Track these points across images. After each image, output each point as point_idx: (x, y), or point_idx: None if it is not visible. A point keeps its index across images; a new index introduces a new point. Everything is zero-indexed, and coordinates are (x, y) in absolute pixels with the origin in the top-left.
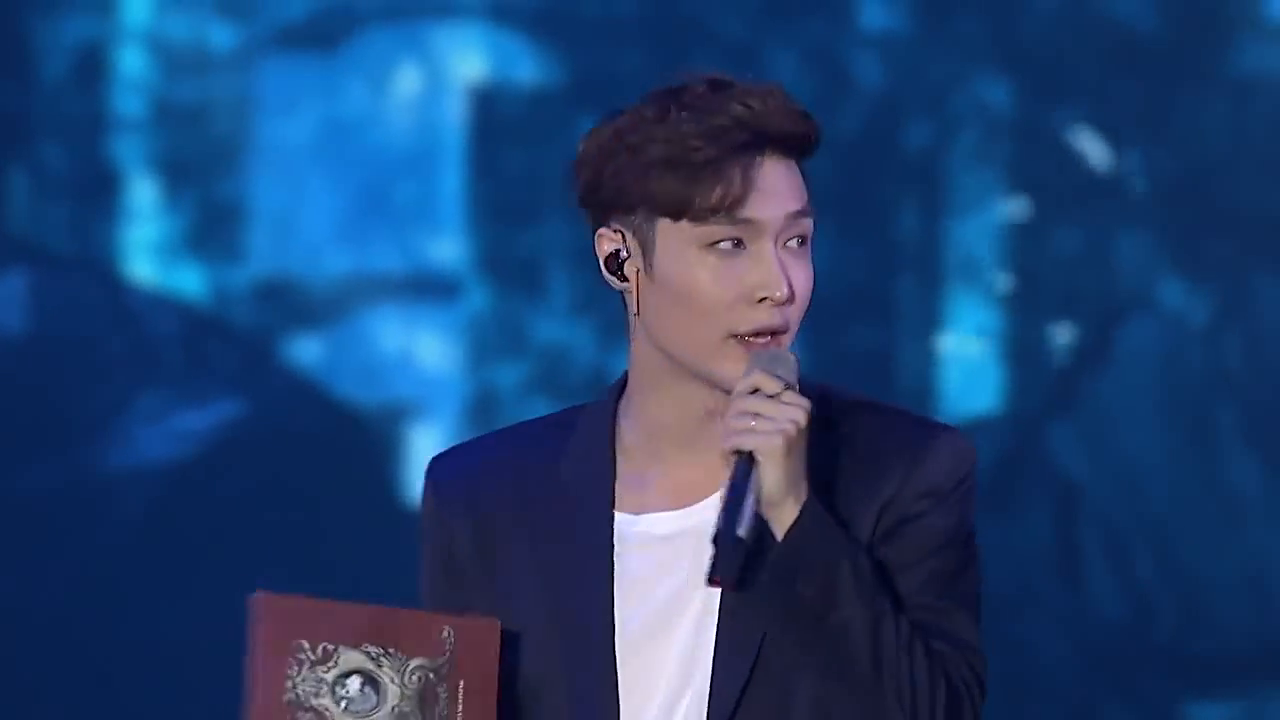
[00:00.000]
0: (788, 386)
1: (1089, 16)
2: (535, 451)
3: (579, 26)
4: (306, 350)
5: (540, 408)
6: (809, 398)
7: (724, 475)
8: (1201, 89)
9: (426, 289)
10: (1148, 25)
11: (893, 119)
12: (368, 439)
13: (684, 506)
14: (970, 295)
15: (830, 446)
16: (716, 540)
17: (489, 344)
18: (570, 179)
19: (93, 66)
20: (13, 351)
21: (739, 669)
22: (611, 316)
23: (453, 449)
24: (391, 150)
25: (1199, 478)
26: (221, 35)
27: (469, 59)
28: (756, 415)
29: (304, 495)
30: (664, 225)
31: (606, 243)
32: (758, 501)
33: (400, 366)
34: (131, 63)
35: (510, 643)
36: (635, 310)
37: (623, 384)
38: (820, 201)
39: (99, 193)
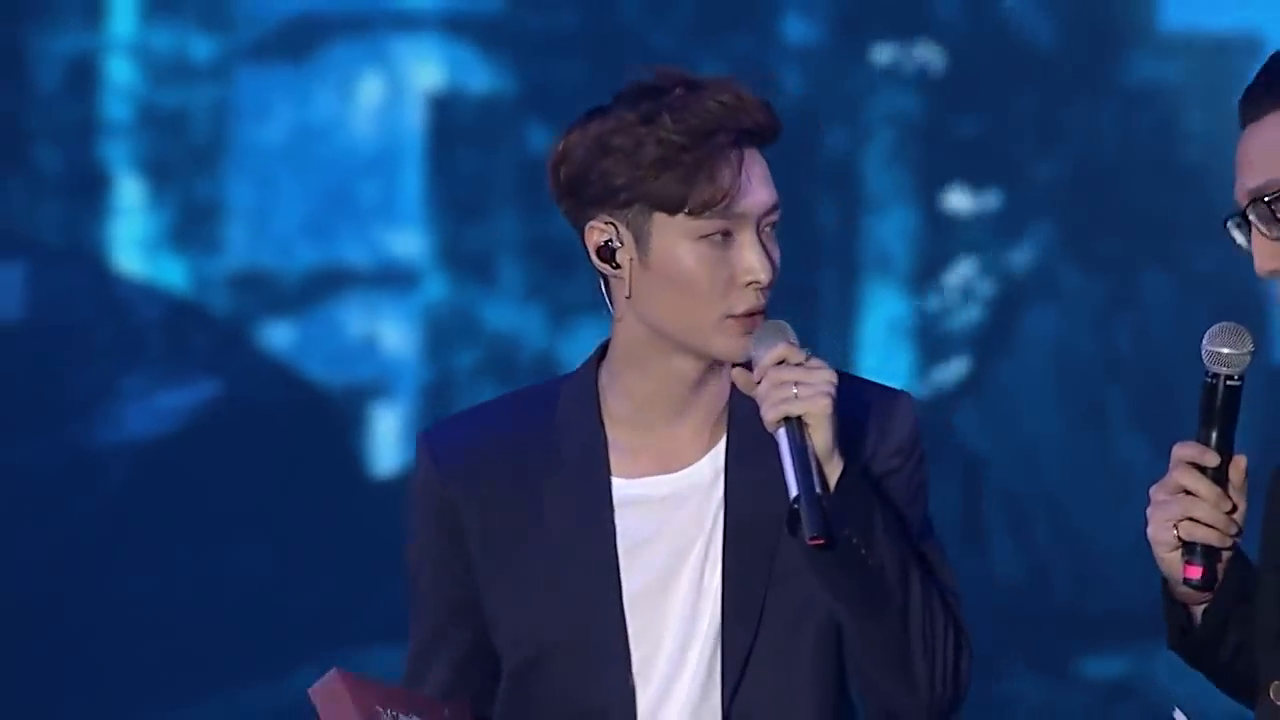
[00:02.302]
0: (808, 352)
1: (991, 30)
2: (525, 423)
3: (527, 39)
4: (278, 336)
5: (492, 389)
6: None
7: (710, 439)
8: (1095, 98)
9: (388, 280)
10: (1045, 38)
11: (813, 125)
12: (334, 417)
13: (678, 469)
14: (885, 286)
15: None
16: (799, 503)
17: (445, 330)
18: (551, 174)
19: (83, 75)
20: (9, 337)
21: (748, 622)
22: (558, 305)
23: (445, 422)
24: (356, 152)
25: (1092, 453)
26: (201, 47)
27: (427, 69)
28: (796, 383)
29: (276, 468)
30: (659, 219)
31: (598, 234)
32: (817, 461)
33: (364, 351)
34: (119, 72)
35: (520, 608)
36: (627, 294)
37: (600, 357)
38: None
39: (89, 191)
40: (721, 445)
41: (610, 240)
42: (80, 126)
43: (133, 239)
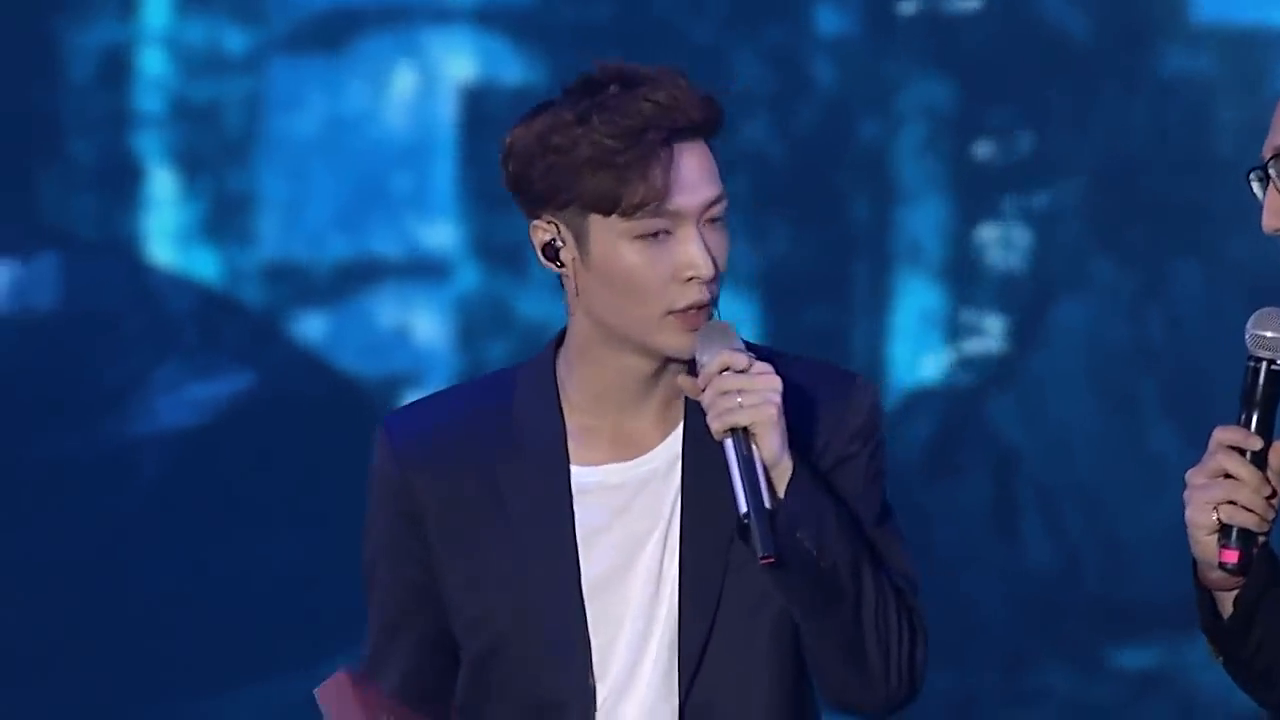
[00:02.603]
0: (751, 358)
1: (1023, 21)
2: (484, 410)
3: (559, 31)
4: (311, 327)
5: None
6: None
7: (666, 426)
8: (1127, 89)
9: (421, 271)
10: (1078, 30)
11: (846, 116)
12: (367, 408)
13: (635, 457)
14: (917, 277)
15: None
16: (749, 519)
17: (478, 321)
18: (501, 168)
19: (116, 68)
20: (42, 328)
21: (705, 611)
22: None
23: (405, 410)
24: (389, 144)
25: (1124, 443)
26: (234, 39)
27: (459, 61)
28: (740, 391)
29: (308, 459)
30: (596, 220)
31: (541, 233)
32: (765, 470)
33: (397, 342)
34: (152, 64)
35: (479, 595)
36: (574, 292)
37: (558, 343)
38: (779, 192)
39: (122, 183)
40: (678, 432)
41: (554, 239)
42: (113, 118)
43: (165, 231)
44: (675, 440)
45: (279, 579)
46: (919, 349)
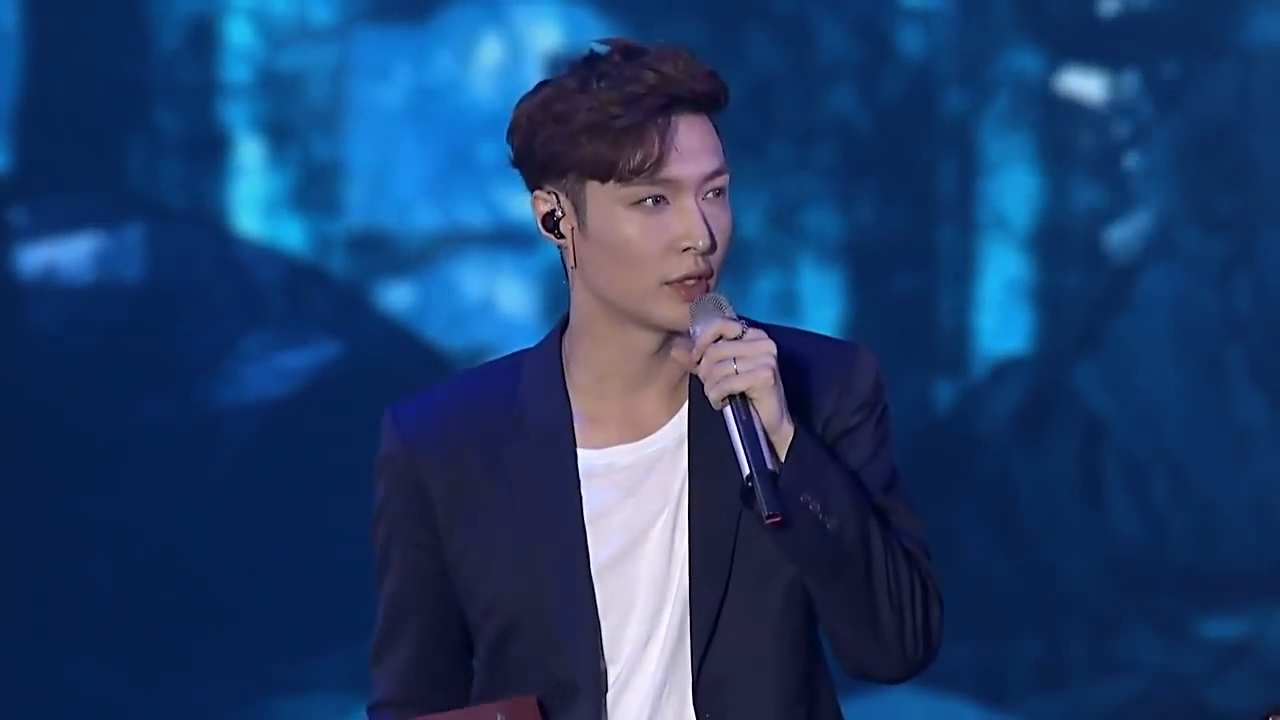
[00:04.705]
0: (744, 325)
1: None
2: (490, 395)
3: (645, 1)
4: (397, 297)
5: None
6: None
7: (672, 406)
8: (1214, 57)
9: (507, 241)
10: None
11: (932, 86)
12: None
13: (641, 439)
14: (1002, 246)
15: None
16: (752, 482)
17: (564, 292)
18: (508, 144)
19: (203, 37)
20: (131, 298)
21: (716, 582)
22: None
23: (410, 399)
24: (475, 114)
25: (1211, 412)
26: (321, 8)
27: (545, 30)
28: (735, 358)
29: None
30: (593, 187)
31: (541, 204)
32: (765, 434)
33: (483, 312)
34: (239, 34)
35: (491, 579)
36: (573, 264)
37: (562, 327)
38: (866, 162)
39: (209, 153)
40: (684, 412)
41: (554, 210)
42: (200, 88)
43: (252, 200)
44: (681, 420)
45: (363, 547)
46: (1005, 318)
